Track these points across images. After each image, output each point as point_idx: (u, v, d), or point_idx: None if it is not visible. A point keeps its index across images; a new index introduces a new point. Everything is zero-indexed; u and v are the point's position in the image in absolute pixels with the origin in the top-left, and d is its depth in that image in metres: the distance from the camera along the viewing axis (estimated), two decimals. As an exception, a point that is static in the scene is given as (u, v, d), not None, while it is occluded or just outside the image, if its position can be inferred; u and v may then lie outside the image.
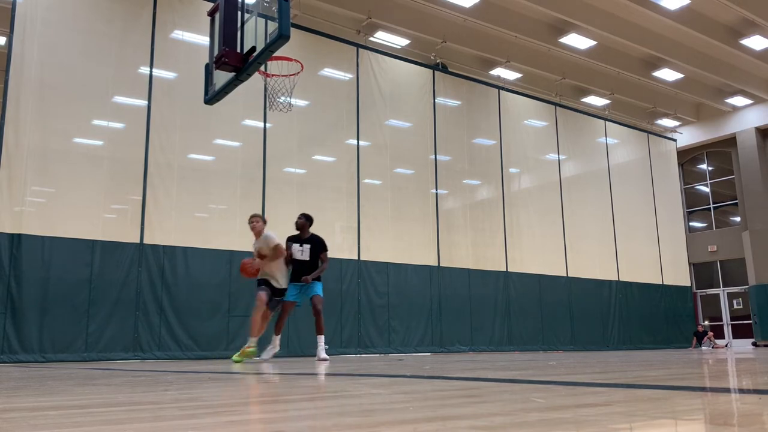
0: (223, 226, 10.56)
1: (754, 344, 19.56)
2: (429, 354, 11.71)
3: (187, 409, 1.84)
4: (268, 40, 5.96)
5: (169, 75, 10.40)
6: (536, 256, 14.64)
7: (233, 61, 6.32)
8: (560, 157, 15.93)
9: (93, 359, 8.77)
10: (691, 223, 22.94)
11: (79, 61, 9.62)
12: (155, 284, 9.55)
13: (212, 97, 7.01)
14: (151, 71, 10.07)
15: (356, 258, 11.64)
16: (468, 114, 14.30)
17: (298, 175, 11.67)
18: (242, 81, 6.49)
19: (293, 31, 6.17)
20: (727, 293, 21.85)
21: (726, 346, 19.67)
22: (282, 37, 5.73)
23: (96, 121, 9.77)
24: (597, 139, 17.13)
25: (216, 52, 6.56)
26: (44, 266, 8.75)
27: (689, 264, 19.21)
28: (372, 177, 12.42)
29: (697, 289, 21.80)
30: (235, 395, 2.33)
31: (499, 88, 15.12)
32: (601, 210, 16.48)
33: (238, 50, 6.36)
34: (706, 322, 21.04)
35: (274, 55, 6.28)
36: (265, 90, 10.05)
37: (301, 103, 11.43)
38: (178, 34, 10.47)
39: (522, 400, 1.91)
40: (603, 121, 17.38)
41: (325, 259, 7.58)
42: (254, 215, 7.41)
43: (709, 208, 22.62)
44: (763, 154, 20.79)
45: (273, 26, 5.86)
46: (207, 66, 7.13)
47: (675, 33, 15.45)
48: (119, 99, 10.06)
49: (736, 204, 21.80)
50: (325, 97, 12.16)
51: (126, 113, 10.08)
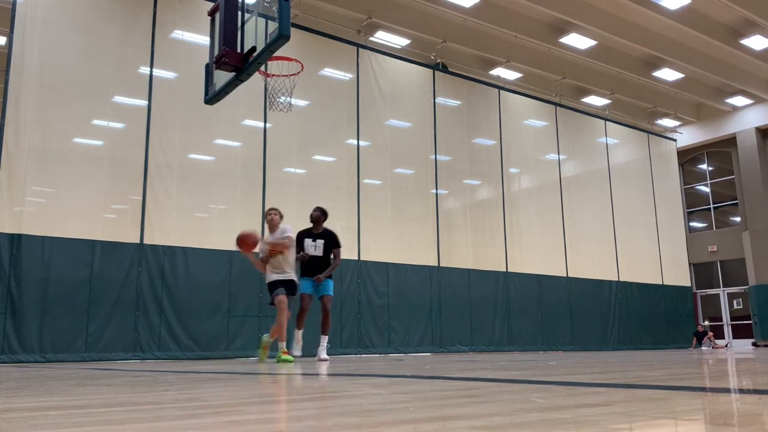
0: (223, 226, 10.55)
1: (754, 344, 19.56)
2: (429, 354, 11.71)
3: (187, 409, 1.84)
4: (268, 40, 5.96)
5: (169, 75, 10.40)
6: (536, 256, 14.64)
7: (233, 61, 6.32)
8: (560, 157, 15.92)
9: (93, 359, 8.77)
10: (691, 223, 22.93)
11: (79, 61, 9.62)
12: (155, 284, 9.56)
13: (212, 97, 7.01)
14: (151, 71, 10.07)
15: (356, 258, 11.64)
16: (468, 114, 14.30)
17: (298, 175, 11.67)
18: (242, 81, 6.49)
19: (293, 31, 6.17)
20: (727, 293, 21.85)
21: (726, 346, 19.66)
22: (282, 37, 5.74)
23: (96, 121, 9.77)
24: (597, 139, 17.13)
25: (216, 52, 6.56)
26: (44, 266, 8.75)
27: (689, 264, 19.21)
28: (372, 177, 12.42)
29: (697, 289, 21.80)
30: (235, 395, 2.33)
31: (499, 88, 15.12)
32: (601, 210, 16.48)
33: (238, 50, 6.36)
34: (706, 323, 21.04)
35: (274, 55, 6.28)
36: (265, 90, 10.05)
37: (301, 103, 11.43)
38: (178, 34, 10.47)
39: (522, 400, 1.91)
40: (603, 121, 17.38)
41: (338, 255, 7.31)
42: (272, 208, 7.09)
43: (709, 208, 22.61)
44: (763, 154, 20.79)
45: (273, 26, 5.86)
46: (207, 66, 7.13)
47: (675, 33, 15.45)
48: (119, 99, 10.06)
49: (736, 204, 21.79)
50: (325, 97, 12.16)
51: (126, 113, 10.08)
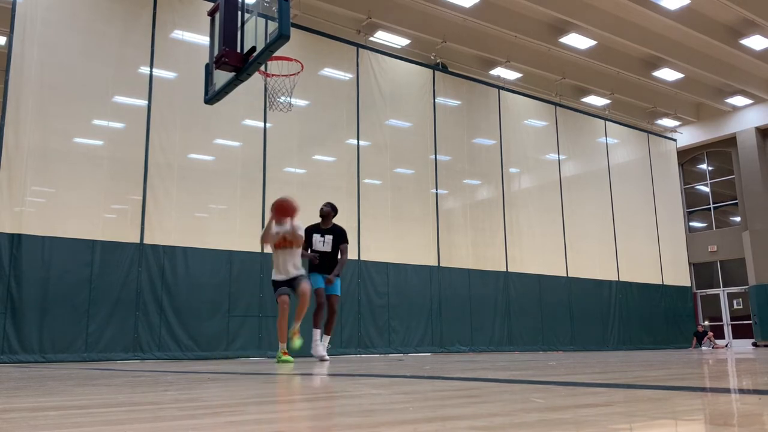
0: (223, 226, 10.56)
1: (754, 344, 19.56)
2: (429, 354, 11.71)
3: (187, 409, 1.84)
4: (268, 40, 5.96)
5: (169, 75, 10.40)
6: (536, 256, 14.64)
7: (233, 61, 6.33)
8: (560, 156, 15.92)
9: (93, 359, 8.77)
10: (691, 223, 22.94)
11: (79, 61, 9.62)
12: (155, 284, 9.56)
13: (212, 97, 7.02)
14: (151, 71, 10.07)
15: (356, 258, 11.64)
16: (468, 114, 14.30)
17: (298, 175, 11.67)
18: (242, 81, 6.49)
19: (293, 31, 6.17)
20: (727, 293, 21.85)
21: (726, 346, 19.67)
22: (282, 37, 5.74)
23: (96, 121, 9.77)
24: (597, 139, 17.13)
25: (216, 52, 6.56)
26: (44, 266, 8.75)
27: (689, 264, 19.21)
28: (372, 177, 12.42)
29: (697, 289, 21.80)
30: (235, 395, 2.33)
31: (499, 88, 15.12)
32: (601, 210, 16.48)
33: (238, 50, 6.36)
34: (706, 323, 21.04)
35: (274, 55, 6.28)
36: (265, 90, 10.05)
37: (301, 103, 11.42)
38: (178, 34, 10.47)
39: (522, 401, 1.91)
40: (603, 121, 17.37)
41: (345, 251, 7.22)
42: (288, 199, 6.69)
43: (709, 208, 22.62)
44: (763, 154, 20.79)
45: (273, 26, 5.86)
46: (207, 66, 7.14)
47: (675, 33, 15.45)
48: (119, 99, 10.06)
49: (736, 204, 21.80)
50: (325, 97, 12.16)
51: (126, 113, 10.08)
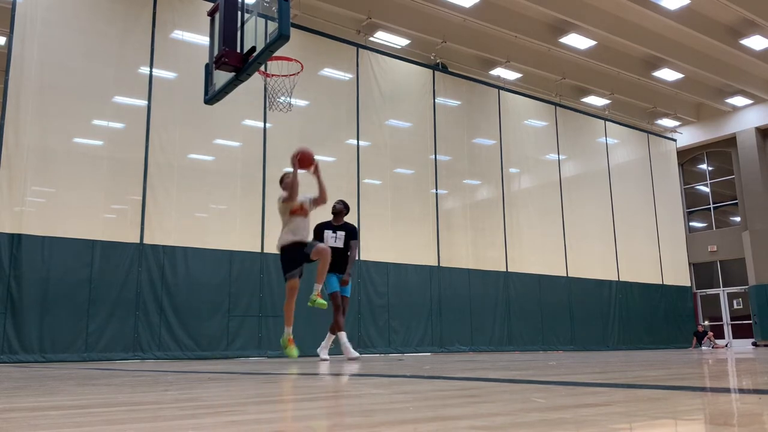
0: (223, 226, 10.56)
1: (754, 344, 19.56)
2: (429, 354, 11.71)
3: (187, 409, 1.84)
4: (268, 40, 5.96)
5: (169, 75, 10.40)
6: (536, 256, 14.64)
7: (233, 61, 6.33)
8: (560, 157, 15.92)
9: (93, 359, 8.77)
10: (691, 223, 22.94)
11: (79, 61, 9.62)
12: (155, 284, 9.55)
13: (212, 97, 7.01)
14: (151, 71, 10.07)
15: (356, 258, 11.62)
16: (468, 114, 14.30)
17: (298, 176, 11.64)
18: (242, 81, 6.49)
19: (293, 31, 6.17)
20: (727, 293, 21.85)
21: (726, 346, 19.67)
22: (282, 37, 5.74)
23: (96, 121, 9.77)
24: (597, 139, 17.13)
25: (216, 52, 6.56)
26: (44, 266, 8.75)
27: (689, 264, 19.21)
28: (372, 177, 12.42)
29: (697, 289, 21.80)
30: (235, 395, 2.33)
31: (499, 88, 15.11)
32: (601, 210, 16.48)
33: (238, 50, 6.36)
34: (706, 322, 21.04)
35: (274, 55, 6.28)
36: (265, 90, 10.04)
37: (301, 103, 11.42)
38: (178, 34, 10.47)
39: (522, 400, 1.91)
40: (603, 121, 17.38)
41: (354, 248, 7.26)
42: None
43: (709, 208, 22.62)
44: (763, 154, 20.79)
45: (273, 26, 5.86)
46: (207, 66, 7.13)
47: (675, 33, 15.45)
48: (119, 99, 10.06)
49: (736, 204, 21.80)
50: (325, 97, 12.15)
51: (126, 113, 10.08)
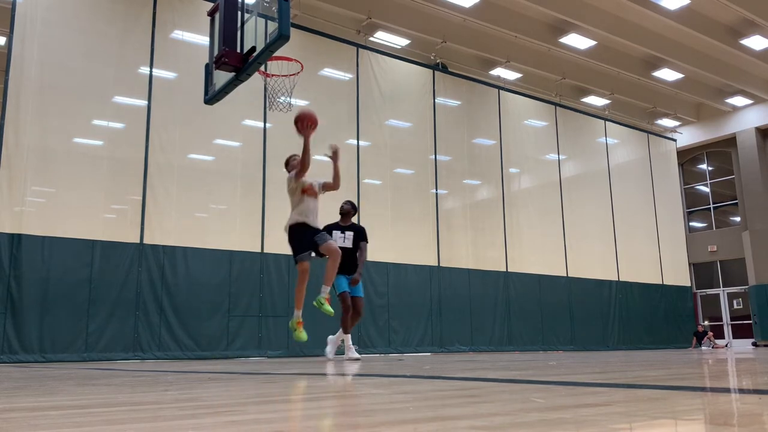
0: (223, 226, 10.56)
1: (754, 344, 19.56)
2: (429, 354, 11.71)
3: (187, 409, 1.84)
4: (268, 40, 5.95)
5: (169, 75, 10.40)
6: (536, 256, 14.64)
7: (233, 61, 6.32)
8: (560, 157, 15.92)
9: (93, 359, 8.77)
10: (691, 223, 22.94)
11: (79, 61, 9.62)
12: (155, 284, 9.55)
13: (212, 97, 7.01)
14: (151, 71, 10.07)
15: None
16: (468, 114, 14.29)
17: (298, 175, 11.65)
18: (242, 81, 6.48)
19: (293, 31, 6.17)
20: (727, 293, 21.85)
21: (726, 346, 19.66)
22: (282, 37, 5.73)
23: (96, 121, 9.77)
24: (597, 139, 17.12)
25: (216, 52, 6.55)
26: (44, 266, 8.75)
27: (689, 264, 19.21)
28: (372, 177, 12.41)
29: (697, 289, 21.80)
30: (235, 395, 2.33)
31: (499, 88, 15.11)
32: (601, 210, 16.47)
33: (238, 50, 6.36)
34: (706, 322, 21.04)
35: (274, 55, 6.27)
36: (265, 90, 10.04)
37: (301, 103, 11.39)
38: (178, 34, 10.47)
39: (522, 400, 1.91)
40: (603, 121, 17.37)
41: (364, 250, 7.29)
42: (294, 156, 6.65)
43: (709, 208, 22.62)
44: (763, 154, 20.79)
45: (273, 26, 5.85)
46: (207, 66, 7.13)
47: (675, 33, 15.45)
48: (119, 99, 10.06)
49: (736, 204, 21.80)
50: (325, 97, 12.15)
51: (126, 113, 10.08)
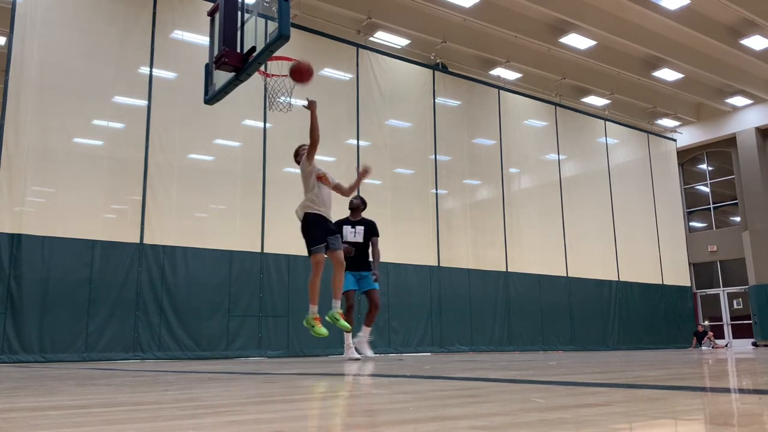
0: (223, 226, 10.56)
1: (754, 344, 19.56)
2: (429, 354, 11.71)
3: (187, 409, 1.84)
4: (268, 40, 5.96)
5: (169, 75, 10.40)
6: (536, 256, 14.63)
7: (233, 61, 6.33)
8: (560, 157, 15.92)
9: (93, 359, 8.77)
10: (691, 223, 22.93)
11: (80, 61, 9.62)
12: (155, 284, 9.55)
13: (212, 97, 7.01)
14: (151, 71, 10.06)
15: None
16: (468, 114, 14.29)
17: (298, 175, 11.57)
18: (242, 81, 6.49)
19: (293, 31, 6.17)
20: (727, 293, 21.85)
21: (726, 346, 19.66)
22: (282, 37, 5.74)
23: (96, 121, 9.77)
24: (597, 139, 17.12)
25: (216, 52, 6.56)
26: (44, 266, 8.75)
27: (689, 264, 19.21)
28: (372, 177, 12.38)
29: (697, 289, 21.80)
30: (235, 395, 2.33)
31: (499, 88, 15.11)
32: (601, 210, 16.47)
33: (238, 50, 6.36)
34: (706, 322, 21.04)
35: (274, 55, 6.28)
36: (265, 90, 10.01)
37: (301, 103, 11.40)
38: (178, 34, 10.46)
39: (522, 400, 1.90)
40: (603, 121, 17.37)
41: (377, 245, 7.30)
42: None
43: (709, 208, 22.62)
44: (763, 154, 20.79)
45: (273, 26, 5.86)
46: (207, 66, 7.13)
47: (675, 33, 15.44)
48: (119, 99, 10.06)
49: (736, 204, 21.80)
50: (325, 97, 12.08)
51: (126, 113, 10.07)
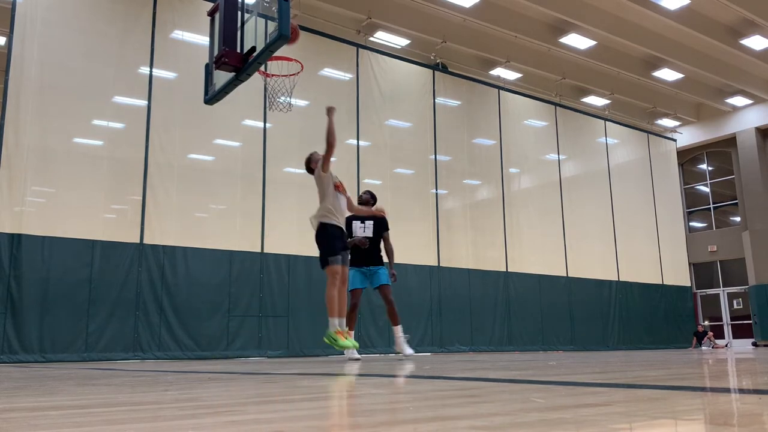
0: (223, 226, 10.56)
1: (754, 344, 19.56)
2: (429, 354, 11.71)
3: (187, 409, 1.84)
4: (268, 40, 5.96)
5: (169, 75, 10.40)
6: (536, 256, 14.63)
7: (233, 61, 6.32)
8: (560, 157, 15.92)
9: (93, 359, 8.77)
10: (691, 223, 22.94)
11: (80, 61, 9.62)
12: (155, 284, 9.55)
13: (212, 97, 7.01)
14: (151, 71, 10.06)
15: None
16: (468, 114, 14.29)
17: (298, 175, 11.63)
18: (242, 81, 6.48)
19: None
20: (727, 293, 21.85)
21: (726, 346, 19.67)
22: (282, 37, 5.74)
23: (96, 121, 9.77)
24: (597, 139, 17.12)
25: (216, 52, 6.56)
26: (44, 266, 8.75)
27: (689, 264, 19.21)
28: (372, 177, 12.41)
29: (697, 289, 21.80)
30: (235, 395, 2.33)
31: (499, 88, 15.11)
32: (601, 210, 16.47)
33: (238, 50, 6.36)
34: (706, 322, 21.04)
35: (274, 55, 6.27)
36: (265, 90, 10.04)
37: (301, 103, 11.42)
38: (178, 34, 10.46)
39: (522, 400, 1.91)
40: (603, 121, 17.37)
41: (389, 239, 7.22)
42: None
43: (709, 208, 22.62)
44: (763, 154, 20.79)
45: (273, 26, 5.86)
46: (207, 66, 7.13)
47: (675, 33, 15.45)
48: (119, 99, 10.06)
49: (736, 204, 21.80)
50: (325, 97, 12.10)
51: (126, 113, 10.08)
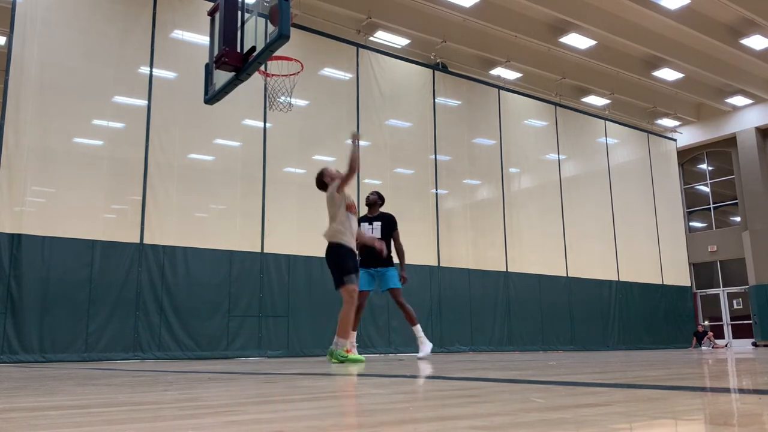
0: (223, 226, 10.56)
1: (754, 344, 19.56)
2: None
3: (187, 409, 1.84)
4: (268, 40, 5.95)
5: (169, 75, 10.40)
6: (536, 256, 14.63)
7: (233, 61, 6.32)
8: (560, 157, 15.92)
9: (93, 359, 8.77)
10: (691, 223, 22.94)
11: (80, 61, 9.61)
12: (155, 284, 9.55)
13: (212, 97, 7.01)
14: (151, 71, 10.06)
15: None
16: (468, 114, 14.29)
17: (298, 175, 11.66)
18: (242, 81, 6.48)
19: (293, 31, 6.17)
20: (727, 293, 21.85)
21: (726, 346, 19.67)
22: (282, 37, 5.73)
23: (96, 121, 9.77)
24: (597, 139, 17.12)
25: (216, 52, 6.56)
26: (44, 266, 8.75)
27: (689, 264, 19.20)
28: (372, 177, 12.40)
29: (697, 289, 21.80)
30: (235, 395, 2.33)
31: (499, 87, 15.11)
32: (601, 210, 16.47)
33: (238, 50, 6.36)
34: (706, 322, 21.04)
35: (274, 54, 6.27)
36: (265, 90, 10.05)
37: (301, 102, 11.42)
38: (178, 34, 10.46)
39: (522, 400, 1.90)
40: (603, 121, 17.37)
41: (398, 238, 7.22)
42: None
43: (709, 208, 22.62)
44: (763, 154, 20.78)
45: (273, 26, 5.86)
46: (207, 66, 7.13)
47: (675, 33, 15.45)
48: (119, 99, 10.06)
49: (736, 204, 21.80)
50: (325, 97, 12.15)
51: (126, 113, 10.08)
